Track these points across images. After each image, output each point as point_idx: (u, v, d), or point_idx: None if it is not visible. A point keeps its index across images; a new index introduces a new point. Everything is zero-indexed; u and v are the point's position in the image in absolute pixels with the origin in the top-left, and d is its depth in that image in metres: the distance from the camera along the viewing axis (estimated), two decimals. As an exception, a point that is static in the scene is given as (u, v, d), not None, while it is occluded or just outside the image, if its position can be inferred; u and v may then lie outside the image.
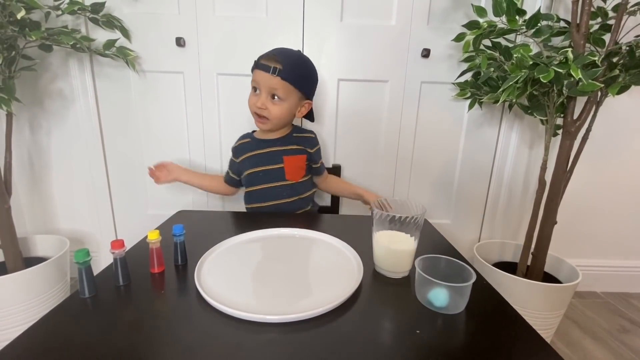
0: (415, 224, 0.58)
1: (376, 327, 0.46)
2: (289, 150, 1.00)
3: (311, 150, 1.03)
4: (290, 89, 0.92)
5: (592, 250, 1.47)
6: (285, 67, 0.89)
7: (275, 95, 0.92)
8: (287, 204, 1.01)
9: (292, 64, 0.91)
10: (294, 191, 1.02)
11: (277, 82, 0.90)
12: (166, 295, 0.53)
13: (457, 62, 1.23)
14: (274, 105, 0.92)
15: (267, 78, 0.90)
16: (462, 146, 1.35)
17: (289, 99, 0.93)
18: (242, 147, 1.04)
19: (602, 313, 1.34)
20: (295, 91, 0.94)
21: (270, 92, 0.92)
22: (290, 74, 0.90)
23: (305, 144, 1.03)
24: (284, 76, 0.89)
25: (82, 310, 0.48)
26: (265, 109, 0.92)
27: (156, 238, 0.56)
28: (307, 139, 1.04)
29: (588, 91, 0.86)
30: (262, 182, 1.00)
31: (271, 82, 0.90)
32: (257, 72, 0.92)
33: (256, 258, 0.64)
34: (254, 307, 0.48)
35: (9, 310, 1.03)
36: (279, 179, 1.00)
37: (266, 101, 0.92)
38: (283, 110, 0.94)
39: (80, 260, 0.48)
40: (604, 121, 1.21)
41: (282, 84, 0.90)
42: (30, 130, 1.30)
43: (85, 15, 1.12)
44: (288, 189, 1.01)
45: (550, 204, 1.07)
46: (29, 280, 1.05)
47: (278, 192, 1.00)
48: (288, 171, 1.00)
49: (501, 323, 0.48)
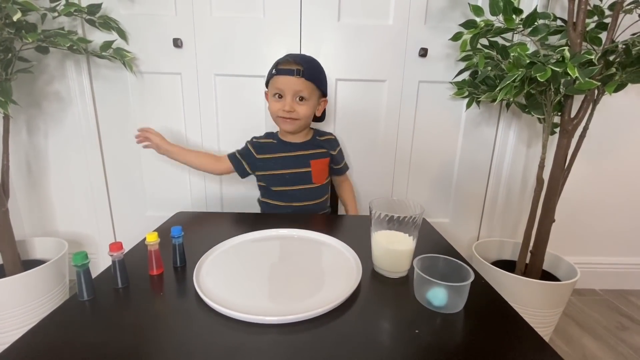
0: (414, 224, 0.59)
1: (375, 327, 0.47)
2: (315, 154, 1.04)
3: (334, 152, 1.07)
4: (312, 88, 0.95)
5: (591, 247, 1.48)
6: (306, 68, 0.92)
7: (301, 97, 0.94)
8: (311, 205, 1.04)
9: (310, 65, 0.95)
10: (318, 194, 1.05)
11: (301, 83, 0.92)
12: (165, 297, 0.52)
13: (454, 61, 1.24)
14: (301, 106, 0.95)
15: (292, 81, 0.92)
16: (460, 145, 1.35)
17: (312, 98, 0.96)
18: (267, 146, 1.05)
19: (601, 310, 1.35)
20: (316, 90, 0.97)
21: (296, 95, 0.94)
22: (311, 74, 0.94)
23: (328, 146, 1.06)
24: (307, 77, 0.92)
25: (81, 313, 0.48)
26: (294, 111, 0.94)
27: (154, 240, 0.56)
28: (329, 141, 1.08)
29: (585, 89, 0.86)
30: (290, 184, 1.02)
31: (296, 84, 0.92)
32: (279, 78, 0.93)
33: (255, 259, 0.64)
34: (253, 309, 0.48)
35: (8, 313, 1.03)
36: (306, 182, 1.03)
37: (293, 103, 0.94)
38: (309, 110, 0.97)
39: (78, 263, 0.48)
40: (601, 119, 1.21)
41: (306, 84, 0.93)
42: (27, 133, 1.30)
43: (82, 17, 1.11)
44: (313, 192, 1.04)
45: (549, 202, 1.07)
46: (28, 283, 1.05)
47: (304, 195, 1.03)
48: (315, 175, 1.03)
49: (500, 322, 0.48)
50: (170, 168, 1.35)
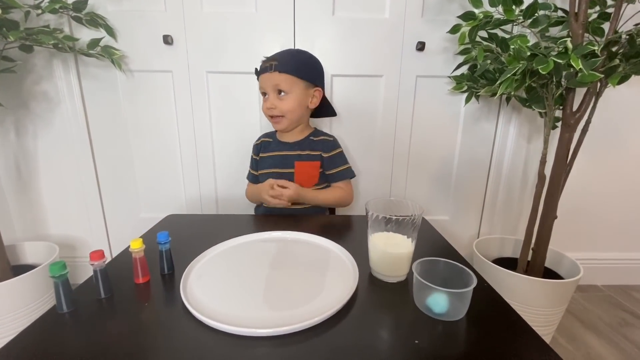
0: (413, 225, 0.56)
1: (373, 337, 0.44)
2: (303, 156, 0.99)
3: (325, 155, 1.00)
4: (292, 80, 0.91)
5: (593, 243, 1.45)
6: (280, 60, 0.90)
7: (281, 91, 0.92)
8: (303, 209, 0.99)
9: (286, 56, 0.92)
10: None
11: (276, 77, 0.90)
12: (151, 307, 0.50)
13: (452, 55, 1.20)
14: (281, 101, 0.92)
15: (267, 77, 0.91)
16: (460, 141, 1.32)
17: (294, 90, 0.92)
18: (264, 145, 1.04)
19: (604, 307, 1.33)
20: (298, 81, 0.92)
21: (275, 90, 0.92)
22: (286, 65, 0.90)
23: (321, 147, 1.00)
24: (280, 69, 0.89)
25: (61, 326, 0.46)
26: (275, 108, 0.92)
27: (139, 247, 0.53)
28: (323, 142, 1.01)
29: (588, 82, 0.83)
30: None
31: (271, 79, 0.90)
32: (261, 78, 0.93)
33: (246, 265, 0.62)
34: (244, 320, 0.45)
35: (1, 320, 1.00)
36: None
37: (274, 100, 0.92)
38: (291, 103, 0.93)
39: (56, 274, 0.45)
40: (604, 113, 1.18)
41: (281, 77, 0.90)
42: (15, 134, 1.26)
43: (68, 14, 1.08)
44: None
45: (551, 198, 1.04)
46: (18, 289, 1.02)
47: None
48: (297, 177, 0.98)
49: (504, 329, 0.46)
50: (164, 169, 1.32)
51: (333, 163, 1.01)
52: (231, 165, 1.31)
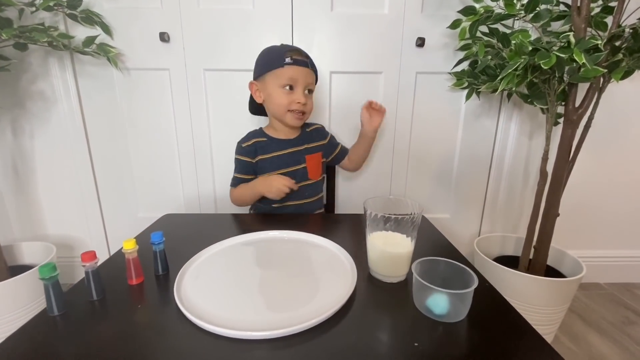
0: (412, 224, 0.55)
1: (371, 339, 0.43)
2: (309, 149, 1.00)
3: (324, 142, 1.04)
4: (314, 80, 0.94)
5: (595, 240, 1.44)
6: (310, 60, 0.90)
7: (310, 90, 0.92)
8: (309, 203, 0.99)
9: (310, 59, 0.92)
10: (315, 190, 1.01)
11: (311, 76, 0.91)
12: (144, 309, 0.49)
13: (453, 50, 1.19)
14: (309, 99, 0.92)
15: (306, 73, 0.88)
16: (460, 138, 1.31)
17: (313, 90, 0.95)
18: (260, 147, 0.97)
19: (606, 305, 1.31)
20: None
21: (306, 87, 0.90)
22: (314, 66, 0.92)
23: (318, 137, 1.03)
24: (314, 69, 0.92)
25: (51, 329, 0.44)
26: (306, 104, 0.91)
27: (132, 248, 0.52)
28: (317, 131, 1.04)
29: (591, 77, 0.82)
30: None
31: (308, 75, 0.90)
32: (294, 69, 0.87)
33: (241, 265, 0.60)
34: (239, 323, 0.44)
35: (-3, 321, 1.00)
36: (303, 179, 0.98)
37: (303, 96, 0.89)
38: (313, 103, 0.95)
39: (46, 276, 0.44)
40: (607, 108, 1.16)
41: (313, 77, 0.92)
42: (12, 134, 1.25)
43: (64, 12, 1.06)
44: (310, 188, 0.99)
45: (553, 195, 1.03)
46: (15, 290, 1.01)
47: (302, 192, 0.97)
48: (310, 170, 0.99)
49: (506, 331, 0.44)
50: (162, 167, 1.30)
51: (332, 147, 1.06)
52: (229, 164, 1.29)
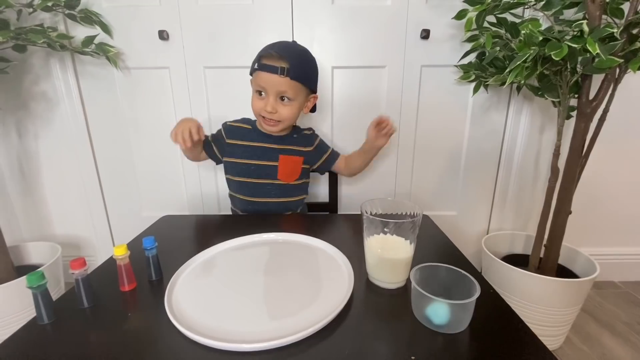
0: (412, 227, 0.52)
1: (367, 351, 0.41)
2: (287, 150, 0.95)
3: (309, 149, 0.99)
4: (299, 88, 0.85)
5: (609, 238, 1.39)
6: (292, 65, 0.81)
7: (285, 97, 0.85)
8: (275, 203, 0.96)
9: (298, 61, 0.84)
10: (283, 192, 0.97)
11: (286, 83, 0.82)
12: (136, 317, 0.48)
13: (459, 42, 1.14)
14: (284, 107, 0.86)
15: (275, 80, 0.82)
16: (468, 133, 1.27)
17: (298, 98, 0.87)
18: (239, 132, 0.97)
19: (621, 305, 1.27)
20: (304, 88, 0.87)
21: (279, 94, 0.85)
22: (298, 73, 0.83)
23: (303, 143, 0.99)
24: (293, 76, 0.82)
25: (41, 338, 0.44)
26: (276, 112, 0.86)
27: (123, 254, 0.51)
28: (304, 137, 1.00)
29: (606, 68, 0.77)
30: (253, 176, 0.95)
31: (280, 84, 0.82)
32: (261, 75, 0.83)
33: (235, 272, 0.59)
34: (231, 334, 0.43)
35: (4, 321, 1.01)
36: (270, 177, 0.95)
37: (275, 104, 0.85)
38: (294, 111, 0.88)
39: (34, 285, 0.43)
40: (623, 100, 1.10)
41: (291, 84, 0.83)
42: (17, 135, 1.26)
43: (62, 12, 1.06)
44: (277, 189, 0.96)
45: (564, 192, 0.98)
46: (22, 289, 1.02)
47: (267, 190, 0.95)
48: (281, 171, 0.95)
49: (510, 342, 0.42)
50: (164, 166, 1.30)
51: (321, 151, 1.02)
52: (232, 163, 1.28)
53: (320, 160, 1.02)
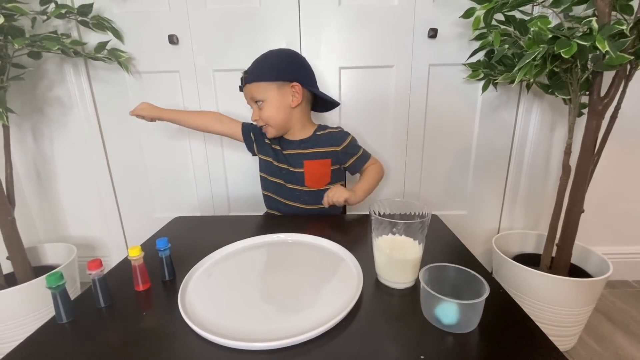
0: (421, 227, 0.52)
1: (376, 350, 0.41)
2: (311, 154, 0.94)
3: (336, 148, 0.95)
4: (262, 86, 0.89)
5: (622, 236, 1.36)
6: (249, 72, 0.90)
7: (257, 100, 0.91)
8: (303, 210, 0.96)
9: (254, 65, 0.91)
10: (314, 199, 0.94)
11: (249, 90, 0.91)
12: (151, 316, 0.49)
13: (467, 41, 1.14)
14: (261, 111, 0.91)
15: (245, 90, 0.92)
16: (477, 132, 1.26)
17: (268, 95, 0.89)
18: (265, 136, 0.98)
19: (635, 304, 1.24)
20: (269, 85, 0.88)
21: (253, 101, 0.92)
22: (253, 74, 0.90)
23: (330, 141, 0.95)
24: (249, 79, 0.90)
25: (61, 337, 0.45)
26: (259, 118, 0.92)
27: (137, 255, 0.52)
28: (331, 135, 0.96)
29: (616, 65, 0.76)
30: (284, 179, 0.96)
31: (247, 92, 0.92)
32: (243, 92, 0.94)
33: (246, 271, 0.60)
34: (243, 333, 0.44)
35: (20, 321, 1.04)
36: (298, 184, 0.95)
37: (257, 111, 0.92)
38: (269, 109, 0.90)
39: (53, 285, 0.45)
40: (635, 97, 1.09)
41: (252, 87, 0.90)
42: (33, 139, 1.30)
43: (75, 19, 1.08)
44: (306, 195, 0.95)
45: (577, 190, 0.97)
46: (39, 290, 1.05)
47: (296, 196, 0.96)
48: (308, 177, 0.94)
49: (520, 342, 0.42)
50: (175, 168, 1.32)
51: (347, 155, 0.96)
52: (241, 164, 1.30)
53: (350, 161, 0.97)
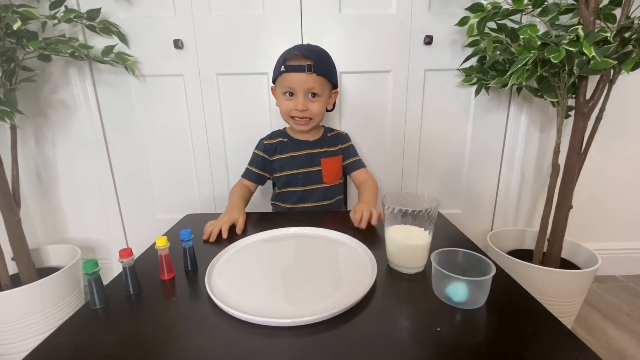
0: (429, 217, 0.57)
1: (394, 326, 0.45)
2: (327, 153, 1.01)
3: (346, 145, 1.05)
4: (324, 83, 0.91)
5: (610, 233, 1.43)
6: (316, 62, 0.87)
7: (314, 94, 0.90)
8: (322, 207, 1.01)
9: (320, 57, 0.89)
10: (330, 194, 1.02)
11: (313, 80, 0.87)
12: (178, 302, 0.52)
13: (461, 47, 1.20)
14: (313, 104, 0.91)
15: (304, 78, 0.87)
16: (470, 133, 1.32)
17: (324, 93, 0.92)
18: (279, 146, 1.02)
19: (623, 297, 1.31)
20: (328, 84, 0.93)
21: (307, 92, 0.90)
22: (323, 68, 0.88)
23: (340, 141, 1.05)
24: (319, 72, 0.87)
25: (94, 321, 0.48)
26: (307, 110, 0.90)
27: (164, 245, 0.55)
28: (338, 135, 1.06)
29: (601, 69, 0.83)
30: (301, 184, 0.99)
31: (308, 81, 0.87)
32: (290, 75, 0.88)
33: (266, 259, 0.63)
34: (267, 311, 0.47)
35: (26, 321, 1.04)
36: (317, 182, 1.00)
37: (305, 101, 0.90)
38: (322, 106, 0.93)
39: (89, 272, 0.47)
40: (618, 100, 1.16)
41: (317, 79, 0.88)
42: (35, 141, 1.30)
43: (82, 23, 1.11)
44: (324, 192, 1.01)
45: (565, 188, 1.03)
46: (44, 291, 1.06)
47: (315, 195, 1.00)
48: (325, 174, 1.00)
49: (524, 315, 0.46)
50: (178, 170, 1.34)
51: (349, 153, 1.06)
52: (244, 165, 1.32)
53: (349, 160, 1.05)
